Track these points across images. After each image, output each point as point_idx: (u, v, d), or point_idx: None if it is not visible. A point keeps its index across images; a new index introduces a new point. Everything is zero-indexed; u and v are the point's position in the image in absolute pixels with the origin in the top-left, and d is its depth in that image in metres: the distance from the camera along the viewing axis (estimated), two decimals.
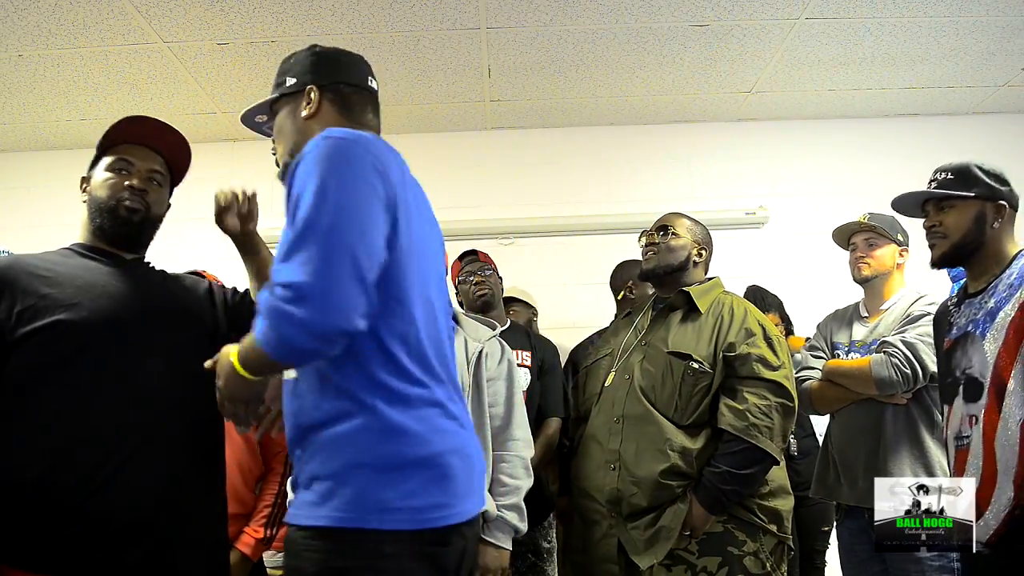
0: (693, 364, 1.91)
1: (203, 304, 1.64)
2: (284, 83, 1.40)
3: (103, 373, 1.39)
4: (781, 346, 1.96)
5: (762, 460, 1.85)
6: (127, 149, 1.57)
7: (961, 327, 1.74)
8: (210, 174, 3.76)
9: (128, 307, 1.47)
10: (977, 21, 3.00)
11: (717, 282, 2.13)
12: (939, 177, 1.81)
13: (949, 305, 1.86)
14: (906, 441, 2.16)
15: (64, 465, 1.32)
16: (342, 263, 1.07)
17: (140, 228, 1.57)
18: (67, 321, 1.38)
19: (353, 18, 2.85)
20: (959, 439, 1.69)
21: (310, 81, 1.38)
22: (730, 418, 1.86)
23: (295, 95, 1.38)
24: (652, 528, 1.85)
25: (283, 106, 1.40)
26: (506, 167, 3.85)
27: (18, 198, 3.69)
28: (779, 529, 1.91)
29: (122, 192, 1.53)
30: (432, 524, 1.15)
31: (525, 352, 2.67)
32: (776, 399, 1.88)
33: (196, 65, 3.14)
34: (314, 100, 1.36)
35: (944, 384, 1.79)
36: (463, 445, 1.24)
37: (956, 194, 1.75)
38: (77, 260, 1.52)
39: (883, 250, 2.35)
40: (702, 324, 1.98)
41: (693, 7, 2.86)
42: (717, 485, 1.83)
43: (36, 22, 2.78)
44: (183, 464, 1.44)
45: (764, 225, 3.72)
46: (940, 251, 1.78)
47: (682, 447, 1.87)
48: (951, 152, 1.85)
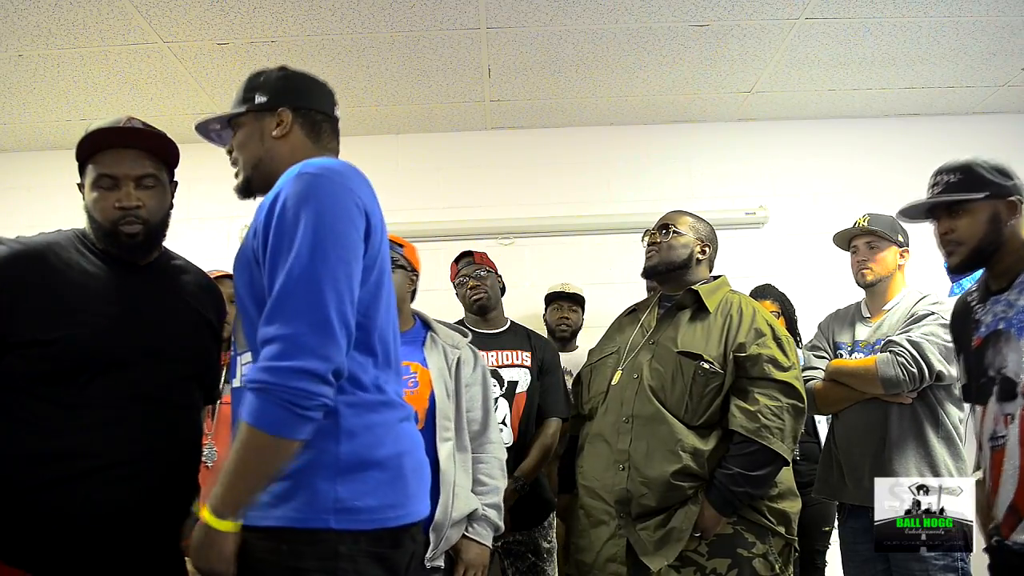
0: (704, 364, 1.90)
1: (202, 316, 1.61)
2: (253, 99, 1.40)
3: (92, 388, 1.37)
4: (791, 346, 1.95)
5: (773, 461, 1.85)
6: (110, 157, 1.46)
7: (990, 325, 1.66)
8: (210, 174, 3.78)
9: (126, 321, 1.43)
10: (977, 21, 3.00)
11: (724, 280, 2.12)
12: (943, 180, 1.72)
13: (970, 301, 1.76)
14: (911, 440, 2.16)
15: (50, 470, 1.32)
16: (332, 309, 1.12)
17: (146, 244, 1.50)
18: (63, 338, 1.35)
19: (353, 18, 2.85)
20: (994, 439, 1.62)
21: (283, 103, 1.39)
22: (741, 419, 1.85)
23: (263, 113, 1.39)
24: (663, 529, 1.83)
25: (249, 122, 1.40)
26: (506, 167, 3.84)
27: (18, 198, 3.69)
28: (787, 531, 1.90)
29: (115, 215, 1.44)
30: (386, 524, 1.18)
31: (525, 352, 2.67)
32: (787, 400, 1.87)
33: (196, 65, 3.13)
34: (286, 122, 1.37)
35: (977, 384, 1.71)
36: (415, 447, 1.29)
37: (967, 198, 1.67)
38: (90, 260, 1.46)
39: (885, 253, 2.35)
40: (711, 324, 1.96)
41: (693, 7, 2.86)
42: (729, 487, 1.82)
43: (36, 22, 2.78)
44: (167, 482, 1.43)
45: (764, 225, 3.72)
46: (958, 259, 1.70)
47: (694, 448, 1.86)
48: (951, 152, 1.81)
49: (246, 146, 1.39)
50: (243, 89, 1.44)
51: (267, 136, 1.37)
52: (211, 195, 3.77)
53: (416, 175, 3.73)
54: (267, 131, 1.38)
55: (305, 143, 1.38)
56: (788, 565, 1.91)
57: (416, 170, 3.73)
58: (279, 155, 1.35)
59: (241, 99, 1.42)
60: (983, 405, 1.66)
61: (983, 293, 1.72)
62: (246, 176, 1.39)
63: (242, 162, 1.40)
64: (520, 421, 2.56)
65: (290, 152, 1.35)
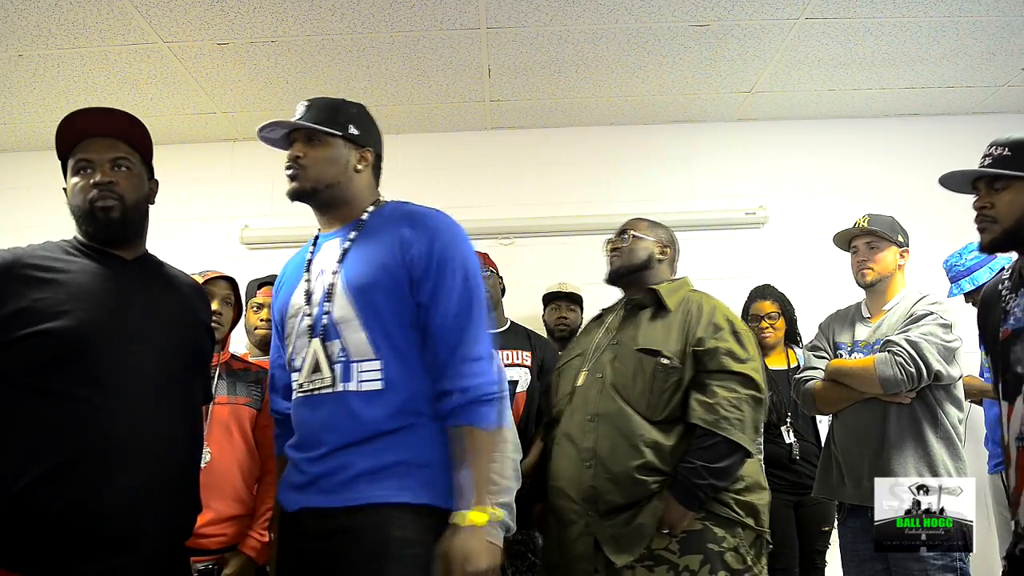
0: (663, 360, 1.93)
1: (196, 316, 1.62)
2: (346, 128, 1.57)
3: (86, 382, 1.37)
4: (748, 339, 1.98)
5: (735, 452, 1.86)
6: (84, 146, 1.50)
7: (1020, 318, 1.58)
8: (210, 174, 3.80)
9: (118, 316, 1.43)
10: (977, 21, 3.00)
11: (685, 281, 2.16)
12: (995, 153, 1.63)
13: (1001, 289, 1.66)
14: (910, 440, 2.16)
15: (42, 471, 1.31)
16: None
17: (123, 222, 1.51)
18: (54, 329, 1.36)
19: (353, 18, 2.85)
20: (1021, 439, 1.55)
21: (371, 144, 1.62)
22: (700, 412, 1.87)
23: (350, 144, 1.58)
24: (629, 525, 1.86)
25: (336, 145, 1.57)
26: (506, 167, 3.84)
27: (18, 198, 3.68)
28: (756, 523, 1.91)
29: (91, 193, 1.47)
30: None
31: (525, 352, 2.68)
32: (745, 391, 1.89)
33: (196, 65, 3.14)
34: (369, 162, 1.61)
35: (1004, 380, 1.62)
36: None
37: (1013, 174, 1.56)
38: (78, 259, 1.49)
39: (885, 253, 2.35)
40: (671, 321, 2.00)
41: (693, 7, 2.86)
42: (692, 480, 1.83)
43: (36, 22, 2.78)
44: (161, 477, 1.42)
45: (764, 225, 3.72)
46: (991, 236, 1.60)
47: (655, 442, 1.88)
48: (951, 152, 1.80)
49: (330, 165, 1.56)
50: (330, 110, 1.59)
51: (350, 166, 1.58)
52: (211, 195, 3.79)
53: (416, 175, 3.73)
54: (351, 161, 1.58)
55: (371, 183, 1.63)
56: (760, 557, 1.92)
57: (416, 170, 3.73)
58: (354, 186, 1.59)
59: (332, 120, 1.57)
60: (1010, 402, 1.58)
61: (1016, 282, 1.63)
62: (314, 187, 1.56)
63: (314, 174, 1.55)
64: (520, 420, 2.56)
65: (361, 187, 1.60)
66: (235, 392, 2.17)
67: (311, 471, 1.45)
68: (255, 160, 3.70)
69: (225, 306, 2.25)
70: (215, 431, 2.09)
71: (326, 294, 1.50)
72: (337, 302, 1.49)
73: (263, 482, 2.13)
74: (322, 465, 1.44)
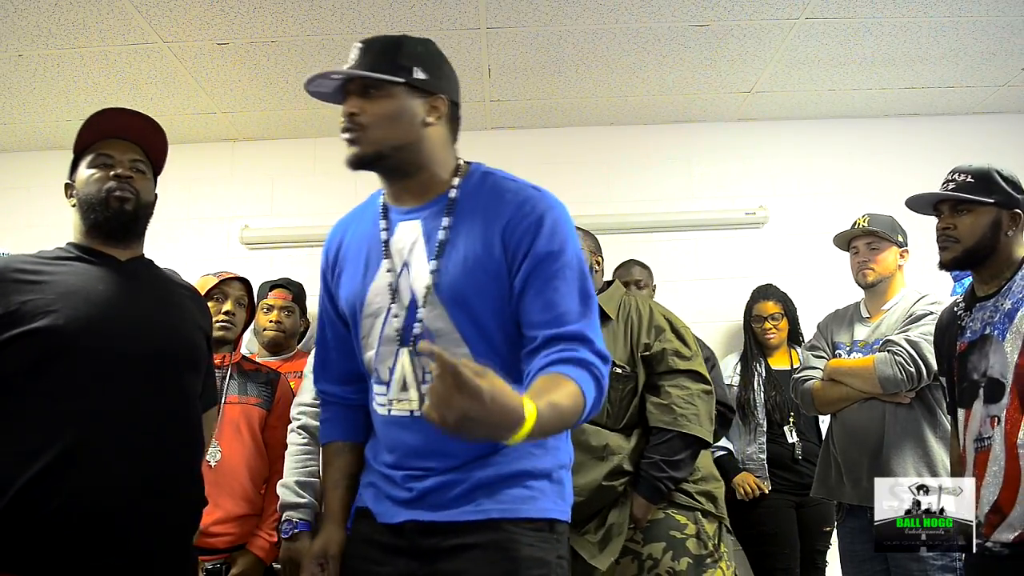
0: (616, 369, 1.97)
1: (190, 317, 1.62)
2: (410, 71, 1.27)
3: (76, 381, 1.37)
4: (689, 335, 2.09)
5: (692, 444, 1.97)
6: (104, 144, 1.55)
7: (976, 331, 1.72)
8: (210, 174, 3.80)
9: (109, 314, 1.43)
10: (977, 21, 3.00)
11: (617, 285, 2.23)
12: (957, 179, 1.77)
13: (956, 310, 1.83)
14: (910, 440, 2.16)
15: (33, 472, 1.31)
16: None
17: (134, 217, 1.54)
18: (43, 328, 1.36)
19: (353, 18, 2.85)
20: (979, 441, 1.67)
21: (443, 90, 1.33)
22: (658, 415, 1.97)
23: (415, 91, 1.29)
24: (603, 528, 1.91)
25: (399, 95, 1.27)
26: (506, 167, 3.79)
27: (18, 198, 3.68)
28: (716, 508, 2.02)
29: (110, 183, 1.51)
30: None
31: None
32: (696, 386, 2.00)
33: (196, 65, 3.14)
34: (443, 113, 1.33)
35: (961, 388, 1.76)
36: None
37: (974, 199, 1.73)
38: (69, 262, 1.49)
39: (885, 253, 2.36)
40: (615, 330, 2.05)
41: (693, 7, 2.86)
42: (653, 474, 1.93)
43: (36, 22, 2.78)
44: (156, 476, 1.42)
45: (764, 225, 3.72)
46: (951, 255, 1.77)
47: (619, 447, 1.95)
48: (951, 152, 1.84)
49: (395, 122, 1.27)
50: (389, 52, 1.29)
51: (417, 118, 1.28)
52: (211, 195, 3.79)
53: None
54: (418, 112, 1.29)
55: (447, 141, 1.35)
56: (721, 541, 2.00)
57: None
58: (427, 146, 1.29)
59: (391, 65, 1.27)
60: (967, 408, 1.71)
61: (969, 301, 1.78)
62: (378, 152, 1.28)
63: (377, 136, 1.28)
64: None
65: (436, 147, 1.31)
66: (246, 392, 2.20)
67: (418, 487, 1.28)
68: (255, 160, 3.70)
69: (239, 307, 2.27)
70: (226, 430, 2.10)
71: (420, 296, 1.28)
72: (431, 309, 1.27)
73: (272, 482, 2.13)
74: (431, 482, 1.27)
